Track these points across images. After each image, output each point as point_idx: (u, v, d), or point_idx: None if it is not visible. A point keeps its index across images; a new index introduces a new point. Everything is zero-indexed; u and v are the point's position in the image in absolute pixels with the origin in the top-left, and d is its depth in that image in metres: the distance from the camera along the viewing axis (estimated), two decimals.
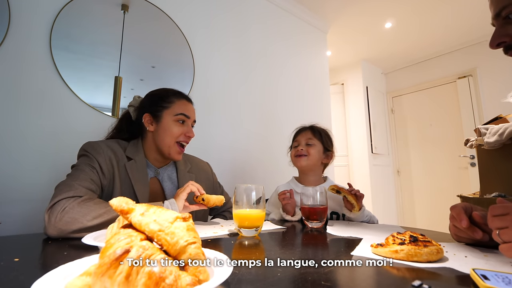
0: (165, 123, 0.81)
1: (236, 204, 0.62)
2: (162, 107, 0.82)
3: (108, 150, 0.76)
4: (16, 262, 0.38)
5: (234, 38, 1.73)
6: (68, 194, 0.61)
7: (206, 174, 0.98)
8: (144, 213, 0.28)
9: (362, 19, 2.38)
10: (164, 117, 0.81)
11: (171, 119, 0.81)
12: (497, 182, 1.15)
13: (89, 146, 0.75)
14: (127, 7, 1.27)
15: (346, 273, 0.37)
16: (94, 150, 0.73)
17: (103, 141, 0.79)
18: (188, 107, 0.86)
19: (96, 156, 0.72)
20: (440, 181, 2.90)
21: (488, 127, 1.26)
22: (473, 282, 0.31)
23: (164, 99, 0.83)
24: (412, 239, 0.43)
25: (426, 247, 0.41)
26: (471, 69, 2.76)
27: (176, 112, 0.82)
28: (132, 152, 0.80)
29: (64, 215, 0.57)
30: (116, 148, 0.78)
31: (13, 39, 0.98)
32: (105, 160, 0.73)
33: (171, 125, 0.81)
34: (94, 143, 0.76)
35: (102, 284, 0.21)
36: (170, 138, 0.81)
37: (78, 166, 0.71)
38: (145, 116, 0.82)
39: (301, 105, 2.10)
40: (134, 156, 0.79)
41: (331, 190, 0.84)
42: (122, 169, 0.76)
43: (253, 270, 0.36)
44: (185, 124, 0.84)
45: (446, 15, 2.34)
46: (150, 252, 0.24)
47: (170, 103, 0.83)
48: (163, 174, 0.86)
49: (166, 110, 0.82)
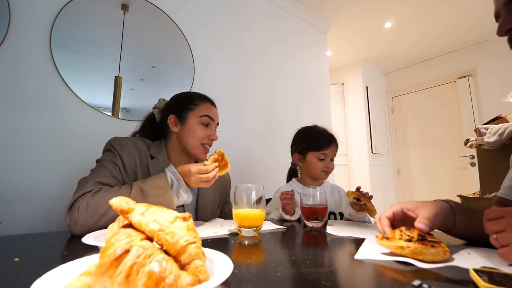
0: (189, 124, 0.82)
1: (236, 204, 0.62)
2: (188, 109, 0.83)
3: (133, 148, 0.77)
4: (16, 262, 0.38)
5: (234, 38, 1.73)
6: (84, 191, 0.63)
7: (224, 182, 1.00)
8: (144, 212, 0.28)
9: (362, 19, 2.38)
10: (189, 118, 0.83)
11: (196, 121, 0.83)
12: (497, 182, 1.15)
13: (116, 142, 0.76)
14: (127, 7, 1.27)
15: (346, 273, 0.37)
16: (119, 146, 0.75)
17: (129, 138, 0.81)
18: (212, 110, 0.87)
19: (120, 152, 0.74)
20: (440, 181, 2.90)
21: (488, 127, 1.26)
22: (473, 282, 0.31)
23: (189, 101, 0.85)
24: (420, 237, 0.42)
25: (433, 248, 0.40)
26: (471, 69, 2.76)
27: (201, 114, 0.83)
28: (155, 151, 0.82)
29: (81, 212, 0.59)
30: (141, 145, 0.80)
31: (13, 38, 0.98)
32: (129, 158, 0.75)
33: (195, 127, 0.82)
34: (121, 139, 0.78)
35: (102, 284, 0.22)
36: (194, 140, 0.82)
37: (101, 162, 0.73)
38: (170, 117, 0.83)
39: (301, 104, 2.10)
40: (157, 155, 0.81)
41: (352, 199, 0.84)
42: (145, 167, 0.78)
43: (253, 270, 0.36)
44: (209, 127, 0.85)
45: (446, 15, 2.34)
46: (150, 252, 0.24)
47: (195, 105, 0.84)
48: None
49: (191, 112, 0.83)
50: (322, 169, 1.00)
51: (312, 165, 1.01)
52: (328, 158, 1.01)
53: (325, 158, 1.00)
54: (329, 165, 1.01)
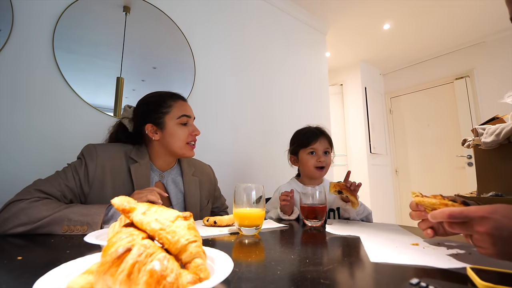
0: (169, 128, 0.81)
1: (236, 203, 0.62)
2: (163, 113, 0.81)
3: (105, 155, 0.75)
4: (19, 261, 0.38)
5: (234, 39, 1.74)
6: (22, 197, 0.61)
7: (209, 177, 0.99)
8: (145, 212, 0.29)
9: (361, 21, 2.40)
10: (167, 122, 0.81)
11: (175, 123, 0.81)
12: (494, 181, 1.16)
13: (86, 150, 0.75)
14: (128, 8, 1.27)
15: (345, 272, 0.37)
16: (88, 155, 0.74)
17: (104, 145, 0.79)
18: (186, 106, 0.85)
19: (88, 161, 0.72)
20: (438, 181, 2.91)
21: (485, 127, 1.26)
22: (470, 280, 0.32)
23: (161, 104, 0.82)
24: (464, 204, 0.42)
25: None
26: (468, 70, 2.78)
27: (177, 115, 0.82)
28: (136, 155, 0.80)
29: (3, 214, 0.58)
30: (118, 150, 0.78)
31: (16, 40, 0.98)
32: (96, 167, 0.72)
33: (176, 129, 0.81)
34: (92, 147, 0.75)
35: (104, 282, 0.22)
36: (179, 142, 0.81)
37: (65, 168, 0.72)
38: (148, 127, 0.81)
39: (301, 105, 2.11)
40: (139, 159, 0.79)
41: (334, 192, 0.84)
42: (124, 172, 0.76)
43: (253, 268, 0.36)
44: (188, 124, 0.84)
45: (443, 16, 2.36)
46: (151, 251, 0.24)
47: (169, 107, 0.82)
48: (168, 177, 0.86)
49: (167, 115, 0.81)
50: (314, 165, 0.98)
51: (305, 162, 1.00)
52: (319, 152, 0.99)
53: (315, 152, 0.99)
54: (321, 159, 0.98)
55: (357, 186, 0.86)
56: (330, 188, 0.84)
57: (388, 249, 0.47)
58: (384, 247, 0.49)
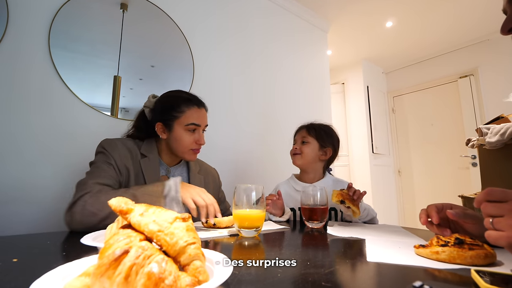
0: (176, 132, 0.83)
1: (236, 204, 0.62)
2: (173, 117, 0.83)
3: (123, 148, 0.79)
4: (14, 263, 0.38)
5: (234, 37, 1.73)
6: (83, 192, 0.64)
7: (213, 178, 1.01)
8: (143, 213, 0.28)
9: (363, 18, 2.38)
10: (175, 127, 0.83)
11: (182, 129, 0.83)
12: (499, 182, 1.15)
13: (106, 143, 0.79)
14: (126, 6, 1.26)
15: (347, 274, 0.36)
16: (110, 147, 0.77)
17: (119, 139, 0.83)
18: (199, 114, 0.86)
19: (111, 152, 0.76)
20: (441, 181, 2.89)
21: (489, 126, 1.25)
22: (474, 283, 0.31)
23: (174, 108, 0.83)
24: (457, 241, 0.41)
25: (472, 250, 0.38)
26: (472, 68, 2.75)
27: (186, 122, 0.83)
28: (146, 150, 0.84)
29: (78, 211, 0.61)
30: (131, 145, 0.82)
31: (11, 38, 0.98)
32: (120, 157, 0.77)
33: (182, 135, 0.83)
34: (111, 141, 0.80)
35: (101, 285, 0.21)
36: (182, 147, 0.84)
37: (96, 164, 0.75)
38: (157, 125, 0.84)
39: (302, 104, 2.10)
40: (149, 154, 0.83)
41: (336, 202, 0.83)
42: (137, 166, 0.80)
43: (253, 271, 0.36)
44: (196, 132, 0.85)
45: (448, 14, 2.33)
46: (149, 253, 0.24)
47: (180, 113, 0.83)
48: (174, 173, 0.89)
49: (177, 120, 0.83)
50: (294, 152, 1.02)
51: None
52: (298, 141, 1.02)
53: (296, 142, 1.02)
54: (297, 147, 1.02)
55: (361, 194, 0.83)
56: (332, 196, 0.83)
57: (391, 251, 0.46)
58: (387, 248, 0.48)
